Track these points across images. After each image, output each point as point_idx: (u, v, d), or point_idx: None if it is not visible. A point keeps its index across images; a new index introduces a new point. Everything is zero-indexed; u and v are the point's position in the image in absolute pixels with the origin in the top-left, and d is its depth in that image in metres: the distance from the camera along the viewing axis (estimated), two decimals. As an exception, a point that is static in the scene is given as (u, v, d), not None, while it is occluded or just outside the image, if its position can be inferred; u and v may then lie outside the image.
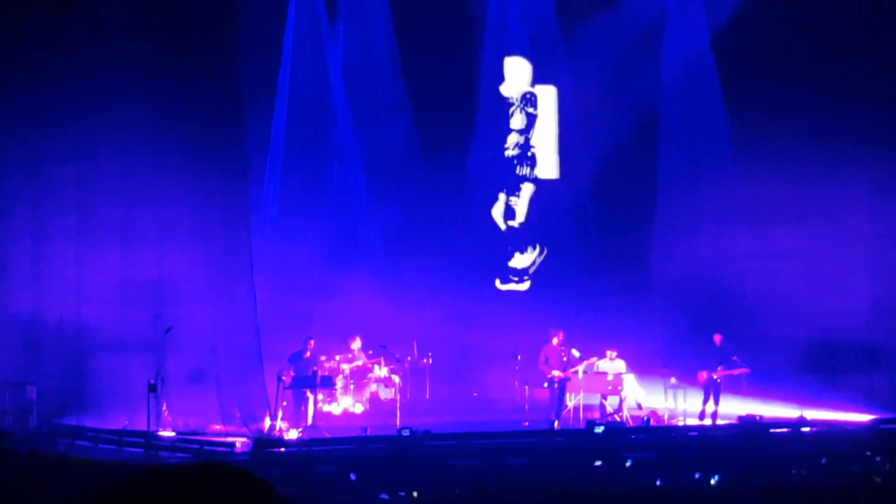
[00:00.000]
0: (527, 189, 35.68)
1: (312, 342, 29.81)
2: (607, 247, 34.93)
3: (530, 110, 35.73)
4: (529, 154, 35.87)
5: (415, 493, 19.00)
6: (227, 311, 29.49)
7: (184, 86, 28.97)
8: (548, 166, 36.10)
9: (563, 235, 35.47)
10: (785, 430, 29.01)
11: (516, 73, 36.02)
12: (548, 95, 36.25)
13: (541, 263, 35.39)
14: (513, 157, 35.95)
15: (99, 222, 28.97)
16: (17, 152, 28.55)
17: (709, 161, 34.50)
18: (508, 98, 35.99)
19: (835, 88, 32.55)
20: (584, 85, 34.89)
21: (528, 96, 35.78)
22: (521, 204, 35.57)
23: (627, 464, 24.26)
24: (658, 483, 21.23)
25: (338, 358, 30.90)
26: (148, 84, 28.58)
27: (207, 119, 29.38)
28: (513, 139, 35.93)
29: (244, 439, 26.53)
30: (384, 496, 18.82)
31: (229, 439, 26.82)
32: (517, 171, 35.82)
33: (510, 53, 35.97)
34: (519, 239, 35.70)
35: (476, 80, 35.79)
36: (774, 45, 32.98)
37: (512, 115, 35.93)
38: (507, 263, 35.39)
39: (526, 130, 35.80)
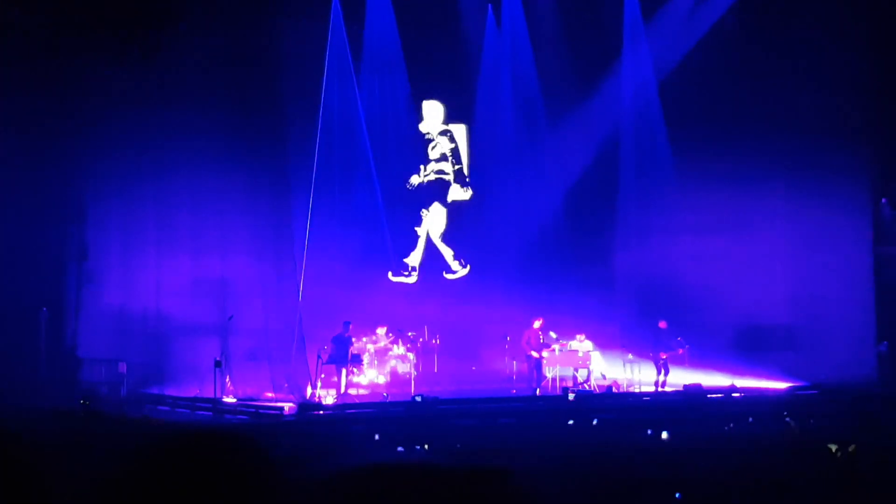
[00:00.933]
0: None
1: (351, 325, 29.81)
2: (578, 251, 34.81)
3: (446, 143, 35.00)
4: (446, 179, 35.25)
5: (426, 446, 18.87)
6: (276, 303, 29.50)
7: (242, 125, 29.03)
8: (458, 190, 35.41)
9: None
10: (719, 395, 29.17)
11: (432, 113, 35.17)
12: (460, 131, 35.55)
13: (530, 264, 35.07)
14: (430, 181, 35.17)
15: (174, 232, 28.98)
16: (108, 177, 28.55)
17: (657, 183, 34.43)
18: (426, 133, 35.11)
19: (756, 125, 32.59)
20: (561, 120, 34.83)
21: (444, 132, 35.07)
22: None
23: (594, 422, 24.17)
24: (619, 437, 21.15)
25: (364, 339, 30.87)
26: (214, 122, 28.61)
27: (261, 150, 29.45)
28: (430, 167, 35.11)
29: (291, 404, 26.53)
30: (400, 449, 18.69)
31: (279, 404, 26.83)
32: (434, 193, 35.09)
33: (498, 101, 35.75)
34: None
35: (472, 116, 35.74)
36: (708, 91, 32.99)
37: (430, 147, 35.13)
38: (402, 260, 34.75)
39: (441, 160, 35.17)
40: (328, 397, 27.98)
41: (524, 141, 35.48)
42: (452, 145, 35.26)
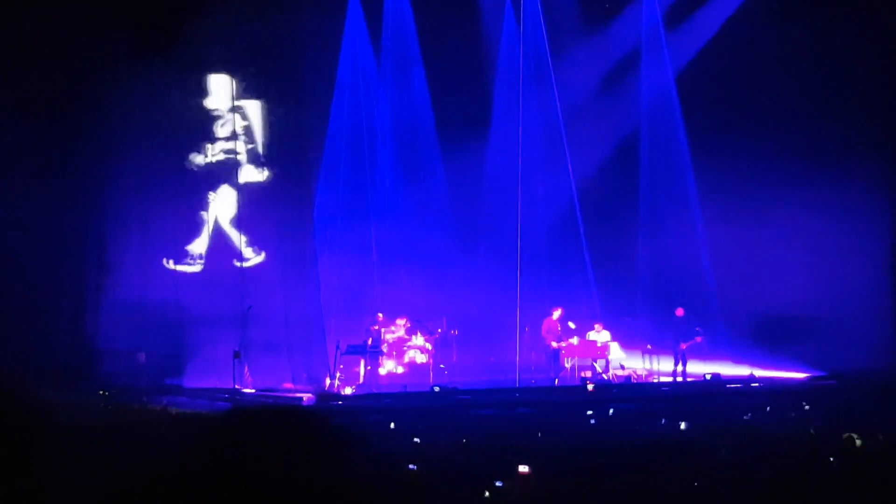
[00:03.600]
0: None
1: (381, 315, 30.10)
2: (597, 241, 34.88)
3: (238, 121, 31.48)
4: (235, 159, 31.52)
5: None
6: (296, 294, 29.58)
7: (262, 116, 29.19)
8: (253, 171, 31.62)
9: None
10: (738, 385, 29.21)
11: (221, 89, 31.60)
12: (254, 108, 31.99)
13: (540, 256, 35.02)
14: (219, 161, 31.46)
15: (192, 223, 29.06)
16: (127, 174, 28.64)
17: (676, 173, 34.47)
18: (213, 110, 31.42)
19: (776, 115, 32.51)
20: (578, 110, 34.79)
21: (234, 109, 31.55)
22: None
23: (611, 412, 24.20)
24: (636, 427, 21.17)
25: (382, 330, 30.94)
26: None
27: (281, 141, 29.57)
28: (219, 146, 31.51)
29: (310, 394, 26.59)
30: (417, 440, 18.72)
31: (298, 394, 26.85)
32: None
33: (515, 94, 35.64)
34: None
35: (490, 109, 35.65)
36: (728, 81, 32.94)
37: (218, 125, 31.50)
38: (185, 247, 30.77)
39: (231, 139, 31.58)
40: (346, 387, 28.12)
41: (542, 132, 35.45)
42: (245, 123, 32.02)
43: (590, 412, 24.14)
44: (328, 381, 28.19)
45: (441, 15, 33.56)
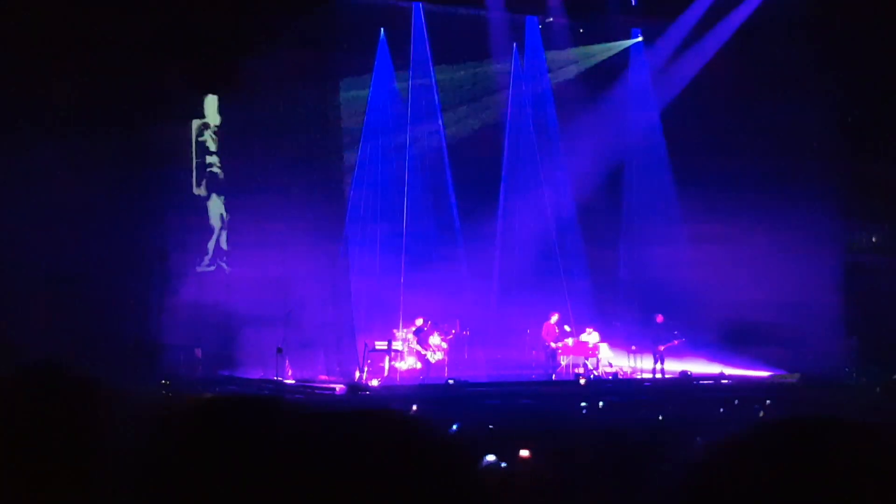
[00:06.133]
0: None
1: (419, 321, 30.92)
2: (590, 257, 35.13)
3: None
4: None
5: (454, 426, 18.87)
6: (330, 300, 29.77)
7: (302, 148, 29.44)
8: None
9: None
10: (710, 381, 29.45)
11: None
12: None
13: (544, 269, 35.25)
14: None
15: (241, 237, 29.23)
16: (179, 189, 28.82)
17: (658, 197, 34.77)
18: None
19: (745, 147, 32.74)
20: (572, 146, 35.04)
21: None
22: None
23: (600, 404, 24.34)
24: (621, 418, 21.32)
25: (404, 330, 31.08)
26: (274, 130, 28.98)
27: (320, 170, 29.82)
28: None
29: (342, 385, 26.76)
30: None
31: (332, 385, 27.05)
32: None
33: (521, 129, 35.81)
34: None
35: (501, 147, 35.93)
36: (703, 123, 33.14)
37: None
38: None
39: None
40: (373, 380, 28.34)
41: (544, 162, 35.68)
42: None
43: (583, 404, 24.27)
44: (357, 374, 28.37)
45: (456, 59, 33.98)
